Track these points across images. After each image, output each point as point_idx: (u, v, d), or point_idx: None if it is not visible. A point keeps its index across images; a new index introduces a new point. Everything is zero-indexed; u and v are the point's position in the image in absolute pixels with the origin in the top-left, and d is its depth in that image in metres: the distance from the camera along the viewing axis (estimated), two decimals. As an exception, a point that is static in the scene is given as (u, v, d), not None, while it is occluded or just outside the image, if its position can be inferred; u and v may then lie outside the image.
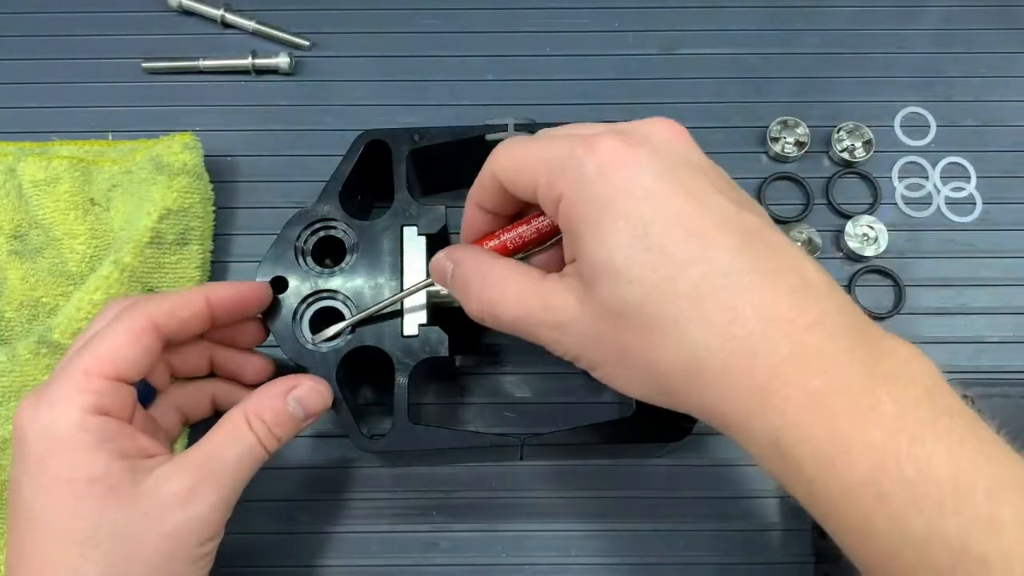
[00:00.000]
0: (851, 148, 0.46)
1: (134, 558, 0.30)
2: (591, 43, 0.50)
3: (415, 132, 0.41)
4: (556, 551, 0.40)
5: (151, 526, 0.30)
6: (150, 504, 0.30)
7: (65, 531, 0.29)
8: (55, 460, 0.30)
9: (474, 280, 0.31)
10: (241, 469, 0.32)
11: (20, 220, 0.44)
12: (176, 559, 0.30)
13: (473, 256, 0.32)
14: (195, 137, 0.44)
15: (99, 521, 0.29)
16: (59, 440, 0.30)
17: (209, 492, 0.31)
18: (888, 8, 0.51)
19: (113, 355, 0.31)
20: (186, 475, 0.31)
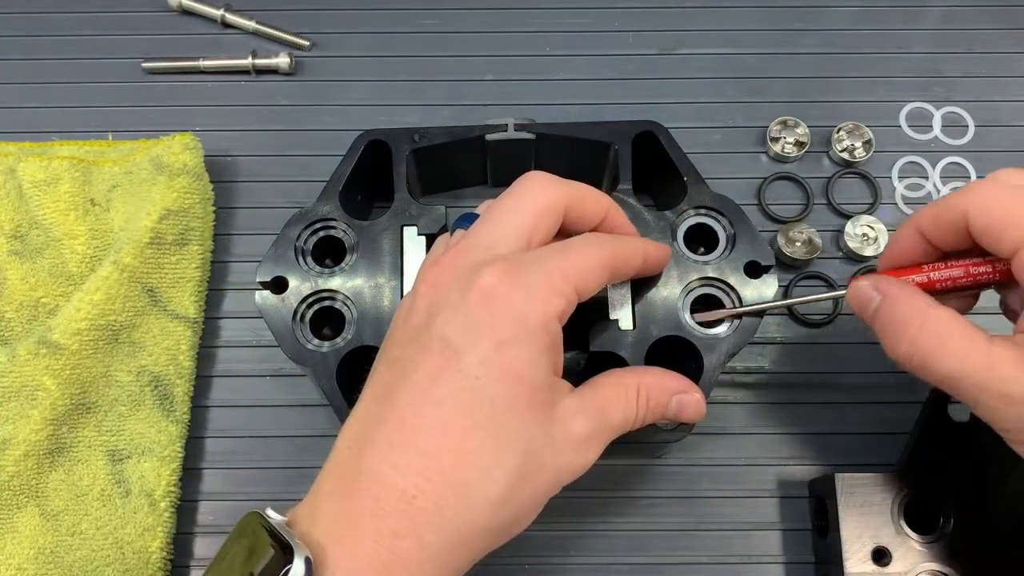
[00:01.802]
0: (851, 148, 0.46)
1: (531, 480, 0.28)
2: (591, 43, 0.50)
3: (415, 132, 0.41)
4: (556, 551, 0.40)
5: (552, 455, 0.28)
6: (558, 434, 0.29)
7: (494, 428, 0.27)
8: (514, 350, 0.27)
9: (911, 323, 0.29)
10: (615, 433, 0.31)
11: (20, 220, 0.44)
12: (545, 499, 0.29)
13: (910, 295, 0.30)
14: (195, 137, 0.44)
15: (528, 431, 0.27)
16: (527, 331, 0.28)
17: (596, 445, 0.30)
18: (888, 8, 0.51)
19: (584, 274, 0.30)
20: (587, 420, 0.30)
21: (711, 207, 0.39)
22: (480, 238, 0.31)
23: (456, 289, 0.29)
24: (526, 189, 0.31)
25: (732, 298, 0.38)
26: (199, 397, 0.43)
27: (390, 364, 0.29)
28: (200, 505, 0.41)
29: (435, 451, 0.27)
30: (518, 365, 0.27)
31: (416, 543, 0.26)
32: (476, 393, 0.27)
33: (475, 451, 0.27)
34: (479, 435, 0.27)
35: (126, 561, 0.38)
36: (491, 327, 0.27)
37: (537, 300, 0.28)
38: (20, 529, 0.39)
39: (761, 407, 0.42)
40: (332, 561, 0.26)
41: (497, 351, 0.27)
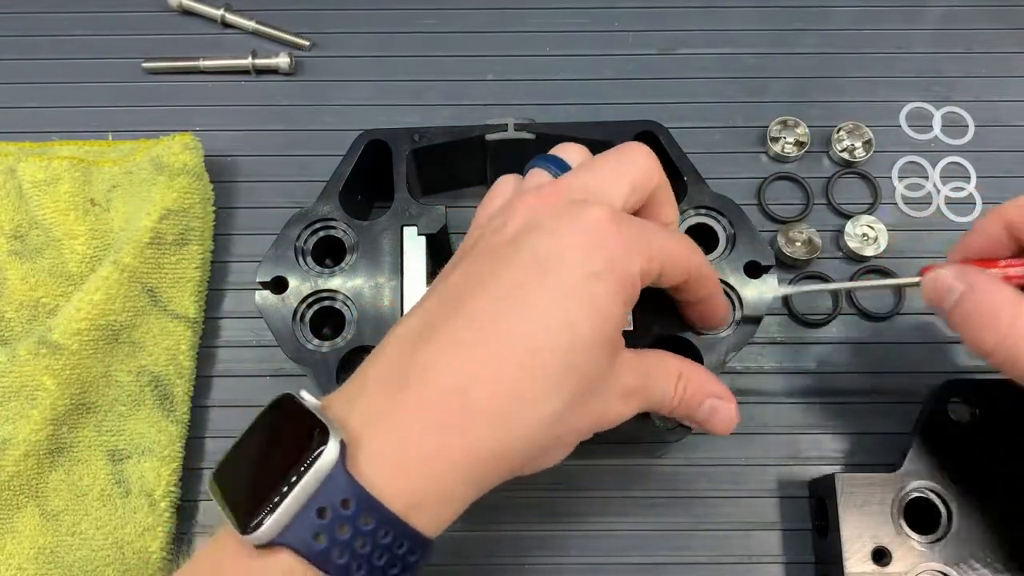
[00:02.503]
0: (851, 148, 0.46)
1: (579, 413, 0.28)
2: (591, 43, 0.50)
3: (415, 132, 0.41)
4: (555, 551, 0.40)
5: (603, 398, 0.29)
6: (612, 380, 0.29)
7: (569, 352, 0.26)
8: (606, 286, 0.27)
9: (1002, 315, 0.29)
10: (651, 404, 0.31)
11: (20, 220, 0.44)
12: (579, 438, 0.29)
13: (998, 288, 0.30)
14: (195, 137, 0.44)
15: (595, 367, 0.27)
16: (617, 275, 0.27)
17: (636, 405, 0.30)
18: (888, 8, 0.51)
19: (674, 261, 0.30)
20: (635, 376, 0.30)
21: (711, 207, 0.39)
22: (583, 182, 0.30)
23: (558, 215, 0.28)
24: (631, 154, 0.31)
25: (732, 298, 0.38)
26: (199, 397, 0.43)
27: (464, 274, 0.29)
28: (200, 505, 0.41)
29: (504, 357, 0.26)
30: (605, 301, 0.27)
31: (465, 439, 0.25)
32: (561, 313, 0.26)
33: (544, 367, 0.26)
34: (552, 354, 0.26)
35: (126, 561, 0.38)
36: (588, 257, 0.27)
37: (633, 253, 0.28)
38: (20, 529, 0.39)
39: (761, 407, 0.42)
40: (372, 450, 0.25)
41: (589, 280, 0.27)
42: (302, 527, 0.24)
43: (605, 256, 0.27)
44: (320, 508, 0.24)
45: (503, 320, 0.26)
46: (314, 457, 0.24)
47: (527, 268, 0.27)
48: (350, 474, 0.24)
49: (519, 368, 0.26)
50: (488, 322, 0.26)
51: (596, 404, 0.28)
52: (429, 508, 0.25)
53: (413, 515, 0.25)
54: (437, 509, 0.26)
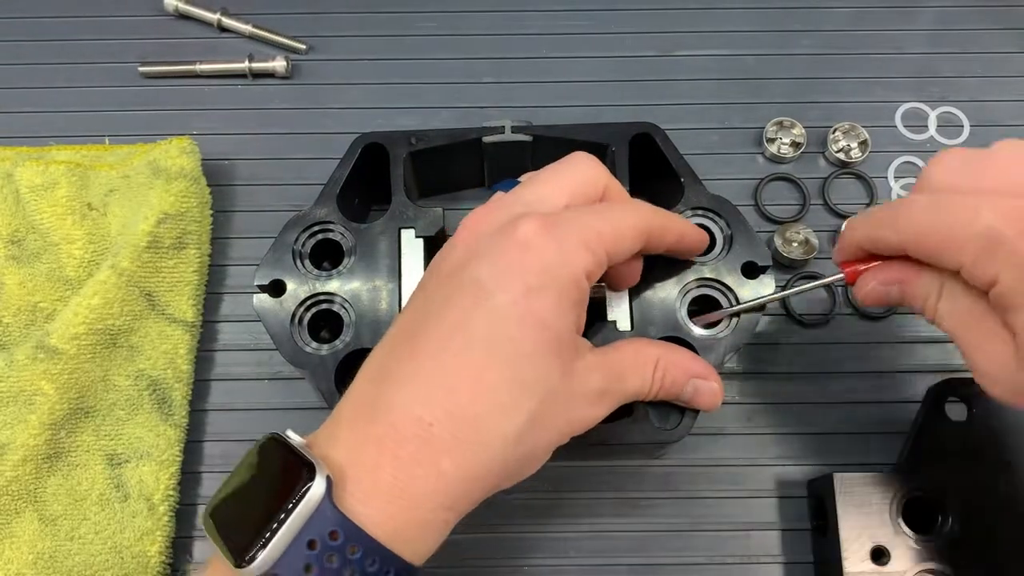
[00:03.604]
0: (847, 148, 0.47)
1: (544, 425, 0.29)
2: (588, 45, 0.50)
3: (412, 135, 0.41)
4: (555, 552, 0.40)
5: (566, 405, 0.29)
6: (575, 386, 0.29)
7: (515, 369, 0.28)
8: (543, 298, 0.28)
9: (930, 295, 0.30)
10: (626, 399, 0.32)
11: (18, 225, 0.44)
12: (553, 447, 0.30)
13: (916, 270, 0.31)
14: (192, 141, 0.44)
15: (546, 378, 0.28)
16: (556, 282, 0.28)
17: (608, 403, 0.31)
18: (883, 9, 0.51)
19: (618, 237, 0.30)
20: (603, 378, 0.30)
21: (708, 208, 0.39)
22: (521, 196, 0.31)
23: (493, 237, 0.29)
24: (573, 162, 0.33)
25: (729, 299, 0.38)
26: (197, 401, 0.43)
27: (417, 307, 0.30)
28: (199, 509, 0.41)
29: (455, 385, 0.27)
30: (544, 312, 0.28)
31: (433, 471, 0.27)
32: (501, 333, 0.28)
33: (494, 389, 0.27)
34: (499, 374, 0.27)
35: (125, 565, 0.38)
36: (522, 273, 0.28)
37: (569, 254, 0.29)
38: (19, 534, 0.39)
39: (760, 407, 0.42)
40: (351, 483, 0.26)
41: (526, 296, 0.28)
42: (294, 559, 0.25)
43: (541, 267, 0.28)
44: (310, 540, 0.25)
45: (451, 352, 0.28)
46: (303, 492, 0.25)
47: (471, 294, 0.28)
48: (336, 507, 0.25)
49: (471, 396, 0.27)
50: (438, 355, 0.28)
51: (560, 413, 0.29)
52: (410, 536, 0.27)
53: (396, 543, 0.26)
54: (418, 537, 0.27)
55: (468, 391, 0.27)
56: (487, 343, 0.28)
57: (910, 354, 0.43)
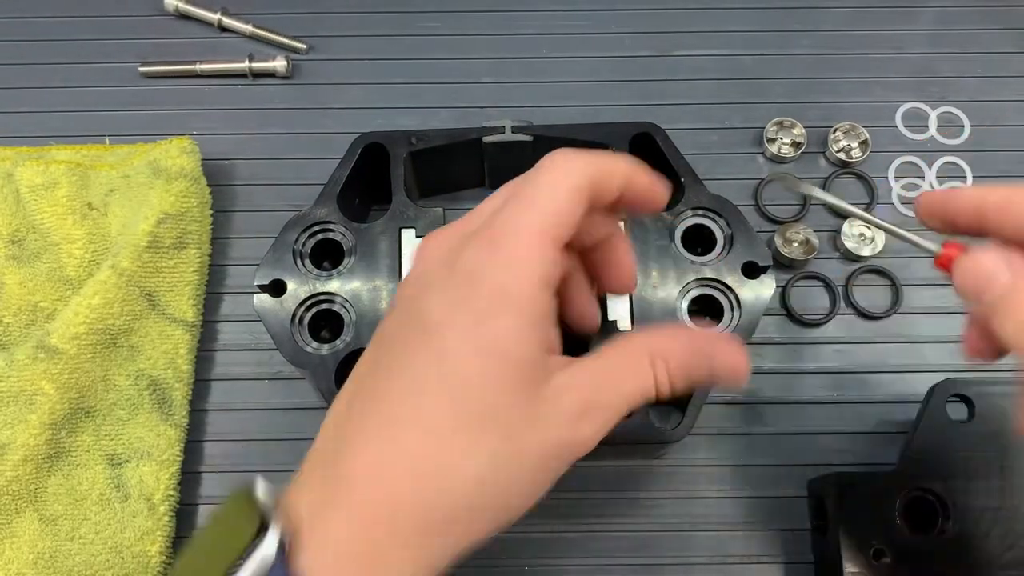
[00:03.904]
0: (847, 148, 0.47)
1: (513, 462, 0.26)
2: (588, 45, 0.50)
3: (412, 134, 0.41)
4: (555, 552, 0.40)
5: (539, 434, 0.26)
6: (547, 411, 0.26)
7: (466, 404, 0.25)
8: (495, 325, 0.26)
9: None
10: (625, 406, 0.28)
11: (18, 225, 0.44)
12: (541, 478, 0.27)
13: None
14: (192, 141, 0.44)
15: (507, 409, 0.25)
16: (508, 303, 0.26)
17: (596, 420, 0.27)
18: (883, 9, 0.51)
19: (557, 218, 0.27)
20: (580, 395, 0.27)
21: (708, 208, 0.39)
22: (480, 211, 0.29)
23: (443, 266, 0.27)
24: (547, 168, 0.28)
25: (730, 299, 0.38)
26: (198, 401, 0.43)
27: (379, 341, 0.28)
28: (199, 509, 0.41)
29: (407, 434, 0.25)
30: (498, 340, 0.26)
31: (389, 528, 0.25)
32: (451, 372, 0.25)
33: (448, 432, 0.25)
34: (452, 418, 0.25)
35: (125, 565, 0.38)
36: (472, 302, 0.26)
37: (517, 269, 0.26)
38: (19, 534, 0.39)
39: (761, 407, 0.42)
40: (310, 540, 0.25)
41: (476, 326, 0.26)
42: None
43: (491, 291, 0.26)
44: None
45: (400, 401, 0.26)
46: (254, 549, 0.24)
47: (419, 332, 0.26)
48: (287, 568, 0.24)
49: (424, 444, 0.25)
50: (387, 407, 0.26)
51: (533, 445, 0.26)
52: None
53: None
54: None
55: (420, 438, 0.25)
56: (438, 386, 0.25)
57: (910, 354, 0.43)
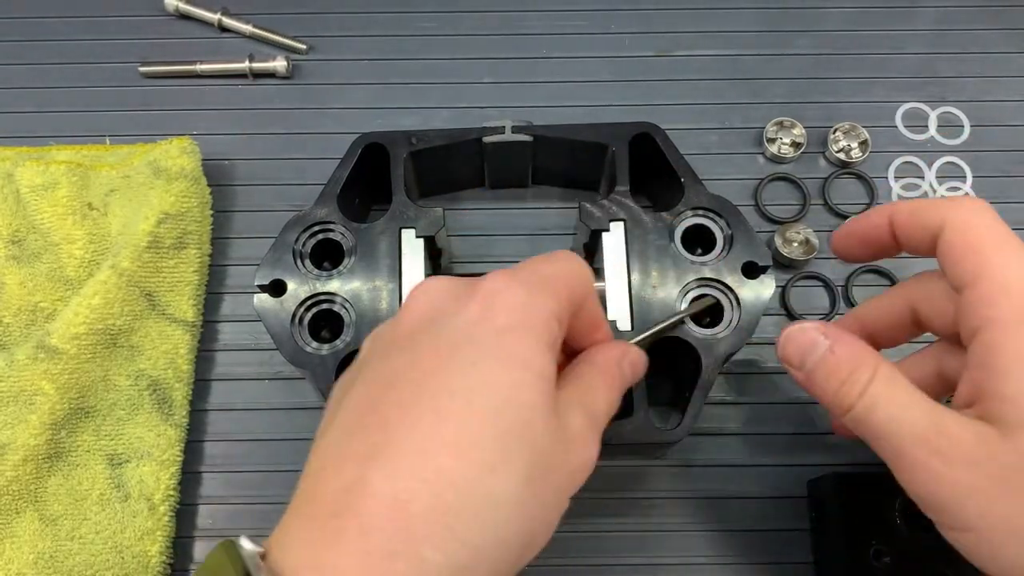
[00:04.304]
0: (847, 148, 0.47)
1: (544, 480, 0.24)
2: (588, 45, 0.50)
3: (412, 135, 0.41)
4: (555, 553, 0.40)
5: (564, 454, 0.25)
6: (562, 429, 0.26)
7: (499, 417, 0.23)
8: (517, 336, 0.25)
9: (863, 371, 0.28)
10: (606, 421, 0.28)
11: (18, 225, 0.44)
12: (562, 505, 0.26)
13: (860, 344, 0.29)
14: (192, 141, 0.44)
15: (535, 424, 0.24)
16: (529, 321, 0.25)
17: (596, 436, 0.27)
18: (883, 9, 0.51)
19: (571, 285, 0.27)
20: (583, 412, 0.27)
21: (708, 208, 0.39)
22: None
23: (456, 296, 0.27)
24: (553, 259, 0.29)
25: (730, 299, 0.38)
26: (198, 401, 0.43)
27: (368, 382, 0.26)
28: (199, 509, 0.41)
29: (430, 449, 0.23)
30: (522, 350, 0.25)
31: (415, 563, 0.22)
32: (479, 380, 0.24)
33: (478, 444, 0.23)
34: (482, 426, 0.23)
35: (125, 565, 0.38)
36: (492, 319, 0.25)
37: (536, 296, 0.26)
38: (19, 534, 0.39)
39: (761, 407, 0.42)
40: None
41: (499, 337, 0.25)
42: None
43: (512, 309, 0.25)
44: None
45: (422, 415, 0.23)
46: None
47: (436, 351, 0.25)
48: None
49: (452, 455, 0.23)
50: (405, 418, 0.24)
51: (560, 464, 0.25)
52: None
53: None
54: None
55: (447, 453, 0.23)
56: (465, 393, 0.24)
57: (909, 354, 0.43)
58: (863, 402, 0.28)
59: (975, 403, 0.27)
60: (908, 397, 0.28)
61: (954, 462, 0.26)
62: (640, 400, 0.36)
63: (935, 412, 0.27)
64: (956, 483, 0.26)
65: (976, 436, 0.26)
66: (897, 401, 0.27)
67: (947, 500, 0.26)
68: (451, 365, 0.24)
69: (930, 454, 0.26)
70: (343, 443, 0.24)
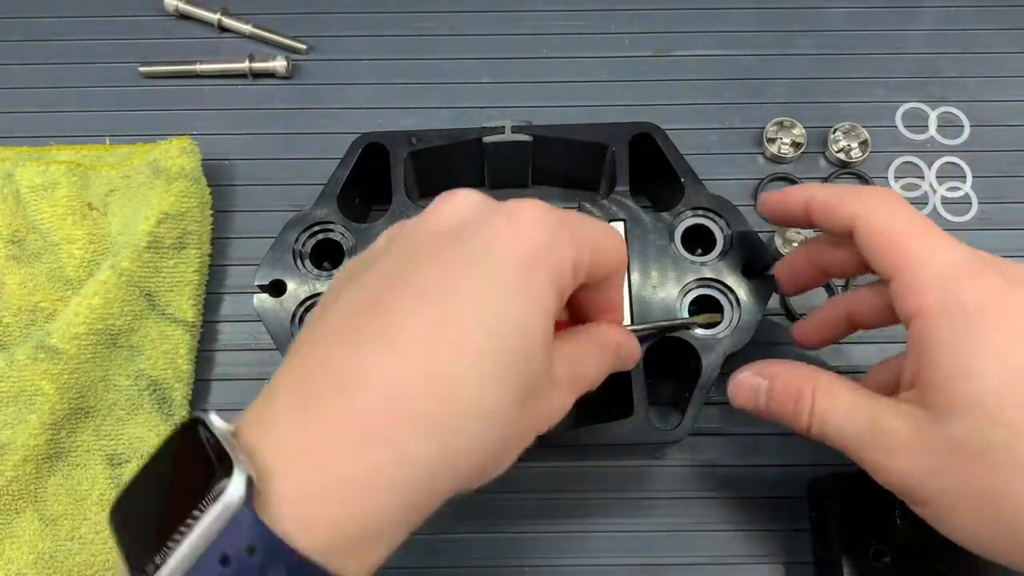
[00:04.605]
0: (847, 148, 0.47)
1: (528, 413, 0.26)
2: (587, 45, 0.50)
3: (412, 135, 0.41)
4: (555, 552, 0.40)
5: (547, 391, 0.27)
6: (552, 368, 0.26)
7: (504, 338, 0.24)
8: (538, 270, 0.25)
9: (804, 395, 0.31)
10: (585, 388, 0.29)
11: (18, 225, 0.44)
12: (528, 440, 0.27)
13: (793, 366, 0.32)
14: (192, 141, 0.44)
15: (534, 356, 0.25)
16: (553, 257, 0.25)
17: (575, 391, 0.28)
18: (883, 9, 0.51)
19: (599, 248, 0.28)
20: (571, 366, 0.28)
21: (708, 208, 0.39)
22: None
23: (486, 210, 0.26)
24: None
25: (730, 299, 0.38)
26: (198, 401, 0.43)
27: (380, 272, 0.26)
28: (199, 509, 0.41)
29: (429, 342, 0.23)
30: (537, 283, 0.25)
31: (398, 453, 0.22)
32: (491, 297, 0.24)
33: (479, 355, 0.23)
34: (487, 340, 0.23)
35: (125, 565, 0.38)
36: (515, 245, 0.25)
37: (563, 239, 0.26)
38: (19, 534, 0.39)
39: (760, 407, 0.42)
40: (282, 477, 0.21)
41: (517, 263, 0.25)
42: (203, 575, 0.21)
43: (535, 246, 0.25)
44: (224, 555, 0.21)
45: (431, 315, 0.24)
46: (216, 494, 0.21)
47: (454, 261, 0.25)
48: (256, 515, 0.21)
49: (450, 354, 0.23)
50: (415, 318, 0.24)
51: (543, 399, 0.26)
52: (353, 549, 0.22)
53: (336, 559, 0.21)
54: (363, 549, 0.22)
55: (447, 351, 0.23)
56: (476, 304, 0.24)
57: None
58: (814, 422, 0.31)
59: (914, 387, 0.29)
60: (847, 404, 0.30)
61: (894, 453, 0.28)
62: (640, 400, 0.36)
63: (872, 412, 0.29)
64: (900, 470, 0.28)
65: (910, 425, 0.28)
66: (838, 412, 0.30)
67: (898, 485, 0.29)
68: (468, 275, 0.24)
69: (874, 452, 0.29)
70: (343, 327, 0.24)
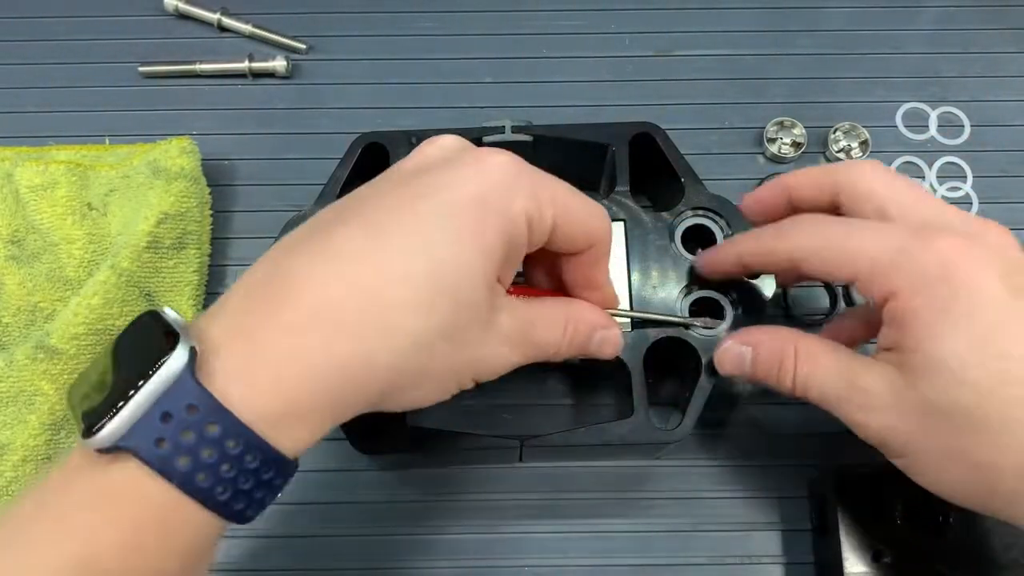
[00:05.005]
0: (847, 148, 0.47)
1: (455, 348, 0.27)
2: (588, 45, 0.50)
3: (412, 134, 0.41)
4: (555, 553, 0.40)
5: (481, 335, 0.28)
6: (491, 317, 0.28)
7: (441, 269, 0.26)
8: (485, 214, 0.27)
9: (787, 359, 0.32)
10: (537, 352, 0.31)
11: (18, 225, 0.44)
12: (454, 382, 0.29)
13: (775, 332, 0.33)
14: (192, 141, 0.44)
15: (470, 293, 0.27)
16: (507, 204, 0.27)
17: (522, 351, 0.30)
18: (883, 8, 0.51)
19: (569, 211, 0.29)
20: (517, 323, 0.29)
21: (708, 208, 0.39)
22: None
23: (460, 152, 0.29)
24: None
25: (730, 298, 0.38)
26: (197, 401, 0.42)
27: (350, 197, 0.29)
28: (199, 509, 0.41)
29: (362, 260, 0.26)
30: (482, 226, 0.27)
31: (324, 347, 0.25)
32: (429, 232, 0.26)
33: (412, 280, 0.26)
34: (424, 266, 0.26)
35: (125, 566, 0.38)
36: (468, 186, 0.27)
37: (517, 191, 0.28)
38: (18, 534, 0.39)
39: (761, 407, 0.42)
40: (226, 356, 0.24)
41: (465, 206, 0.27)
42: (144, 431, 0.23)
43: (488, 188, 0.27)
44: (164, 412, 0.23)
45: (377, 237, 0.26)
46: (162, 363, 0.23)
47: (410, 195, 0.27)
48: (198, 380, 0.24)
49: (387, 280, 0.25)
50: (354, 239, 0.26)
51: (473, 342, 0.28)
52: (284, 423, 0.25)
53: (266, 429, 0.24)
54: (293, 425, 0.25)
55: (385, 274, 0.25)
56: (417, 233, 0.26)
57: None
58: (798, 383, 0.32)
59: (892, 349, 0.30)
60: (827, 364, 0.31)
61: (872, 410, 0.30)
62: (640, 400, 0.36)
63: (850, 370, 0.31)
64: (879, 426, 0.30)
65: (887, 384, 0.29)
66: (820, 373, 0.31)
67: (876, 439, 0.30)
68: (417, 208, 0.27)
69: (854, 410, 0.30)
70: (298, 241, 0.27)
